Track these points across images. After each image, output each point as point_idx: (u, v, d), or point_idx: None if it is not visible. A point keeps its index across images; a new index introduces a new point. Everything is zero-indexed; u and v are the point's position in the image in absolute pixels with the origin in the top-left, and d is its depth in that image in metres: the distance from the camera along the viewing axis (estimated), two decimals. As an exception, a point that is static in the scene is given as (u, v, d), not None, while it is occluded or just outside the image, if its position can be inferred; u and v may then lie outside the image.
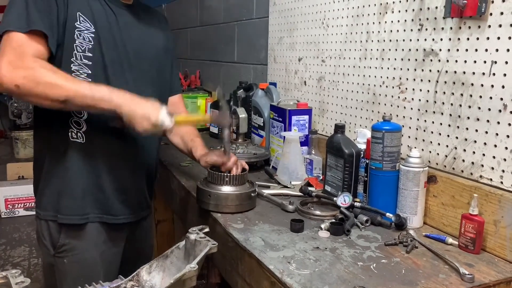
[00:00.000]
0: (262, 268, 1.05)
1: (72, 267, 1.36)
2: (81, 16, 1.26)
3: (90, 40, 1.27)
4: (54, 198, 1.34)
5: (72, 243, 1.35)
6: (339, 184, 1.43)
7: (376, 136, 1.30)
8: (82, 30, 1.26)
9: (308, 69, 1.90)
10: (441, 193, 1.25)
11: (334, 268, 1.02)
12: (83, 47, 1.27)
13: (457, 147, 1.23)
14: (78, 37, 1.26)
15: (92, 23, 1.28)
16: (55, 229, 1.35)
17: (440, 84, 1.28)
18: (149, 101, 1.24)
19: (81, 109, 1.28)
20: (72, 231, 1.35)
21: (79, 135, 1.31)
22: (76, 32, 1.26)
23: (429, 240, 1.20)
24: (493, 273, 1.02)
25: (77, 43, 1.26)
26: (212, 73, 3.02)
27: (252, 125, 2.04)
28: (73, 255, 1.36)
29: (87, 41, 1.27)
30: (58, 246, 1.35)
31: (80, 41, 1.26)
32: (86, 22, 1.27)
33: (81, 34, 1.26)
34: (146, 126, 1.21)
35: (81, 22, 1.26)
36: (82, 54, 1.27)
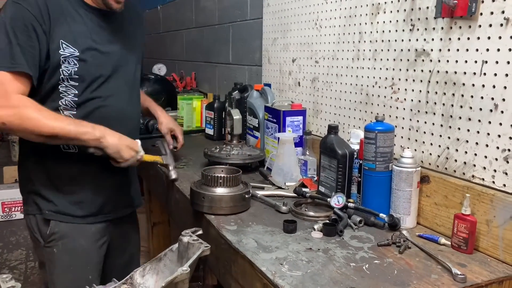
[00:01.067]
0: (254, 270, 1.05)
1: (62, 256, 1.43)
2: (63, 43, 1.31)
3: (75, 63, 1.33)
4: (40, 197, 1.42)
5: (62, 231, 1.42)
6: (332, 185, 1.43)
7: (369, 136, 1.30)
8: (66, 56, 1.31)
9: (302, 70, 1.90)
10: (434, 193, 1.25)
11: (326, 269, 1.02)
12: (69, 71, 1.33)
13: (449, 147, 1.23)
14: (64, 63, 1.31)
15: (75, 47, 1.33)
16: (42, 222, 1.43)
17: (432, 84, 1.28)
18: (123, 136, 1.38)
19: (66, 143, 1.36)
20: (60, 222, 1.42)
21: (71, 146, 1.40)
22: (61, 58, 1.31)
23: (422, 240, 1.20)
24: (486, 273, 1.02)
25: (63, 67, 1.31)
26: (207, 74, 3.02)
27: (247, 127, 2.04)
28: (63, 243, 1.43)
29: (72, 64, 1.33)
30: (48, 235, 1.42)
31: (66, 66, 1.32)
32: (69, 48, 1.32)
33: (66, 59, 1.31)
34: (131, 154, 1.38)
35: (65, 48, 1.31)
36: (69, 77, 1.33)
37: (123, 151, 1.36)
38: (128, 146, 1.37)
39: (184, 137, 1.87)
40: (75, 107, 1.36)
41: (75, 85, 1.34)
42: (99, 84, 1.39)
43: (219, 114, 2.32)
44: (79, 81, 1.34)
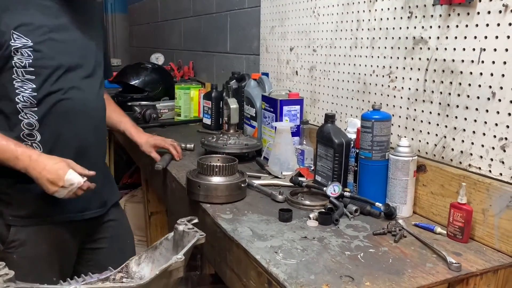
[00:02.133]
0: (249, 258, 1.05)
1: (22, 263, 1.31)
2: (14, 33, 1.22)
3: (29, 54, 1.24)
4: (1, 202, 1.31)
5: (22, 239, 1.32)
6: (329, 174, 1.43)
7: (365, 125, 1.30)
8: (18, 47, 1.23)
9: (300, 59, 1.89)
10: (431, 182, 1.24)
11: (321, 258, 1.02)
12: (23, 63, 1.24)
13: (446, 136, 1.23)
14: (16, 54, 1.23)
15: (28, 37, 1.24)
16: (2, 225, 1.32)
17: (429, 72, 1.27)
18: (56, 162, 1.23)
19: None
20: (21, 228, 1.32)
21: (35, 146, 1.30)
22: (12, 50, 1.22)
23: (418, 229, 1.19)
24: (481, 262, 1.02)
25: (15, 59, 1.23)
26: (205, 64, 3.00)
27: (244, 116, 2.03)
28: (23, 250, 1.32)
29: (26, 56, 1.24)
30: (7, 242, 1.31)
31: (19, 58, 1.23)
32: (21, 38, 1.23)
33: (18, 50, 1.23)
34: (54, 189, 1.21)
35: (16, 39, 1.22)
36: (23, 70, 1.25)
37: (44, 185, 1.21)
38: (49, 180, 1.20)
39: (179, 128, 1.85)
40: (34, 103, 1.27)
41: (31, 78, 1.26)
42: (59, 76, 1.30)
43: (216, 104, 2.31)
44: (35, 74, 1.26)
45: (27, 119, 1.28)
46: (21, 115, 1.27)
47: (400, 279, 0.94)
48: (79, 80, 1.36)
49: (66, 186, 1.22)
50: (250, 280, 1.05)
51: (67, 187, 1.22)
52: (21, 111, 1.27)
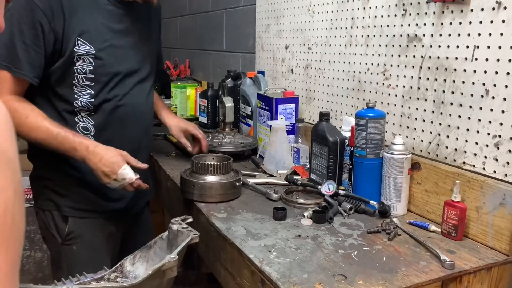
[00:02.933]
0: (242, 257, 1.05)
1: (81, 253, 1.38)
2: (79, 40, 1.24)
3: (90, 61, 1.26)
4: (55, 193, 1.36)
5: (80, 230, 1.38)
6: (324, 172, 1.42)
7: (359, 123, 1.29)
8: (81, 54, 1.25)
9: (295, 57, 1.89)
10: (425, 180, 1.24)
11: (315, 256, 1.02)
12: (84, 69, 1.26)
13: (440, 133, 1.22)
14: (78, 60, 1.25)
15: (92, 44, 1.26)
16: (60, 219, 1.37)
17: (423, 70, 1.26)
18: (112, 155, 1.25)
19: None
20: (79, 219, 1.37)
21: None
22: (75, 56, 1.24)
23: (412, 227, 1.19)
24: (474, 260, 1.02)
25: (77, 66, 1.25)
26: (201, 62, 2.99)
27: (240, 115, 2.03)
28: (82, 241, 1.38)
29: (87, 62, 1.26)
30: (66, 234, 1.37)
31: (81, 64, 1.25)
32: (85, 45, 1.25)
33: (80, 57, 1.25)
34: (106, 181, 1.26)
35: (80, 45, 1.24)
36: (84, 76, 1.27)
37: (99, 176, 1.26)
38: (104, 172, 1.25)
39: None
40: (91, 108, 1.31)
41: (90, 85, 1.28)
42: (116, 83, 1.33)
43: (212, 102, 2.30)
44: (95, 80, 1.28)
45: (83, 123, 1.32)
46: (78, 118, 1.32)
47: (394, 278, 0.93)
48: (134, 86, 1.38)
49: (119, 180, 1.26)
50: (244, 280, 1.05)
51: (119, 180, 1.26)
52: (78, 113, 1.31)
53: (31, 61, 1.21)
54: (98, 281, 1.16)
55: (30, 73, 1.22)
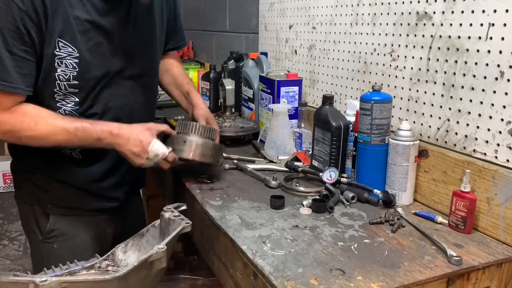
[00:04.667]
0: (235, 248, 0.99)
1: (63, 253, 1.27)
2: (60, 41, 1.08)
3: (74, 66, 1.11)
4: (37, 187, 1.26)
5: (62, 228, 1.28)
6: (326, 159, 1.35)
7: (364, 107, 1.22)
8: (63, 56, 1.09)
9: (299, 37, 1.80)
10: (433, 168, 1.17)
11: (312, 249, 0.96)
12: (67, 75, 1.11)
13: (450, 119, 1.14)
14: (60, 65, 1.09)
15: (75, 45, 1.10)
16: (41, 214, 1.27)
17: (433, 50, 1.18)
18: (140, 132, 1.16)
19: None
20: (61, 217, 1.28)
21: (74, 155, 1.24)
22: (56, 60, 1.08)
23: (418, 218, 1.12)
24: (484, 255, 0.95)
25: (59, 72, 1.10)
26: (205, 43, 2.91)
27: (242, 98, 1.95)
28: (64, 240, 1.28)
29: (70, 68, 1.10)
30: (47, 231, 1.27)
31: (63, 70, 1.10)
32: (67, 47, 1.09)
33: (62, 61, 1.09)
34: (139, 163, 1.17)
35: (61, 48, 1.08)
36: (66, 83, 1.12)
37: (131, 159, 1.17)
38: (134, 154, 1.15)
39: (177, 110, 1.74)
40: (77, 116, 1.17)
41: (74, 92, 1.14)
42: (104, 85, 1.18)
43: (215, 85, 2.23)
44: (79, 87, 1.13)
45: None
46: None
47: (395, 273, 0.87)
48: (125, 85, 1.24)
49: (151, 158, 1.17)
50: (237, 271, 0.99)
51: (151, 158, 1.18)
52: None
53: (21, 70, 1.05)
54: (89, 270, 1.12)
55: (21, 84, 1.06)
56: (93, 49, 1.14)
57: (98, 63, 1.15)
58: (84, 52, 1.12)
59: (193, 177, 1.36)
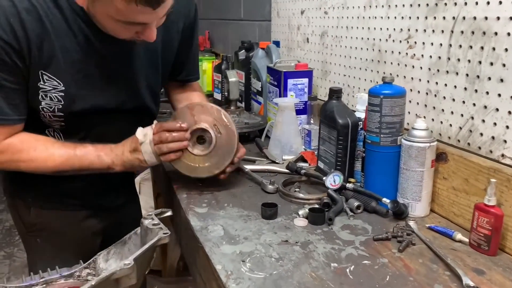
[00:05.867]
0: (210, 266, 0.85)
1: (47, 248, 1.21)
2: (44, 74, 0.99)
3: (59, 99, 1.03)
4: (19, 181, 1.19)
5: (45, 222, 1.21)
6: (332, 160, 1.20)
7: (373, 102, 1.05)
8: (47, 90, 1.01)
9: (311, 23, 1.63)
10: (453, 174, 0.99)
11: (298, 271, 0.81)
12: (52, 108, 1.03)
13: (474, 116, 0.96)
14: (44, 98, 1.02)
15: (60, 79, 1.01)
16: (23, 207, 1.21)
17: (455, 35, 0.99)
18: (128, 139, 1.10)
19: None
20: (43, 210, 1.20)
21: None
22: (40, 93, 1.01)
23: (433, 234, 0.95)
24: (510, 284, 0.77)
25: (43, 105, 1.03)
26: (220, 33, 2.78)
27: (251, 91, 1.81)
28: (47, 234, 1.22)
29: (56, 101, 1.03)
30: (29, 225, 1.22)
31: (47, 103, 1.02)
32: (52, 80, 1.01)
33: (47, 95, 1.01)
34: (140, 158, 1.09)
35: (46, 81, 1.00)
36: (51, 114, 1.05)
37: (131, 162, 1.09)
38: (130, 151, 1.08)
39: None
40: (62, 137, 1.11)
41: (59, 120, 1.07)
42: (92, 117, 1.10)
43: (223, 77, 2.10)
44: (64, 117, 1.06)
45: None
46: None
47: (395, 307, 0.71)
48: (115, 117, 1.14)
49: (142, 140, 1.07)
50: (213, 293, 0.86)
51: (144, 141, 1.07)
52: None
53: (11, 101, 0.99)
54: (67, 278, 1.03)
55: (13, 115, 1.00)
56: (81, 81, 1.04)
57: (86, 95, 1.06)
58: (70, 85, 1.03)
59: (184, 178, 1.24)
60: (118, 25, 0.94)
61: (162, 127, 1.08)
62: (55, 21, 0.97)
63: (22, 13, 0.92)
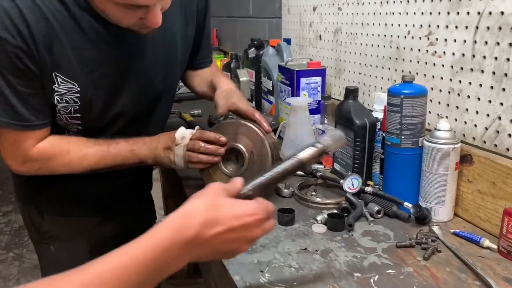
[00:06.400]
0: (227, 276, 0.82)
1: (60, 256, 1.17)
2: (58, 76, 0.94)
3: (75, 101, 0.98)
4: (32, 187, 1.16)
5: (58, 229, 1.17)
6: (349, 162, 1.16)
7: (392, 102, 1.00)
8: (63, 93, 0.96)
9: (324, 20, 1.59)
10: (478, 177, 0.94)
11: (320, 282, 0.77)
12: (68, 110, 0.99)
13: (501, 116, 0.91)
14: (60, 102, 0.97)
15: (75, 81, 0.96)
16: (36, 213, 1.18)
17: (480, 31, 0.94)
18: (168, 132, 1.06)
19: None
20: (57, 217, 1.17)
21: None
22: (56, 97, 0.96)
23: (459, 240, 0.91)
24: (545, 295, 0.73)
25: (59, 107, 0.98)
26: (228, 31, 2.73)
27: (262, 90, 1.77)
28: (61, 242, 1.17)
29: (72, 103, 0.98)
30: (42, 232, 1.18)
31: (63, 105, 0.98)
32: (67, 83, 0.95)
33: (62, 98, 0.96)
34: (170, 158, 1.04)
35: (60, 83, 0.95)
36: (68, 116, 1.00)
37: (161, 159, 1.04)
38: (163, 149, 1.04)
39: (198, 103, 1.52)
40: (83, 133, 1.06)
41: (77, 123, 1.02)
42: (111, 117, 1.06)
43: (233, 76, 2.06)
44: (81, 119, 1.01)
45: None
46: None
47: (424, 321, 0.67)
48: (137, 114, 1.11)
49: (179, 142, 1.03)
50: (230, 305, 0.83)
51: (179, 142, 1.03)
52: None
53: (31, 107, 0.95)
54: None
55: (35, 120, 0.96)
56: (97, 80, 0.99)
57: (102, 95, 1.01)
58: (86, 86, 0.97)
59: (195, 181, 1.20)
60: (120, 10, 0.87)
61: (201, 136, 1.03)
62: (61, 19, 0.91)
63: (25, 13, 0.86)
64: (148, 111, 1.14)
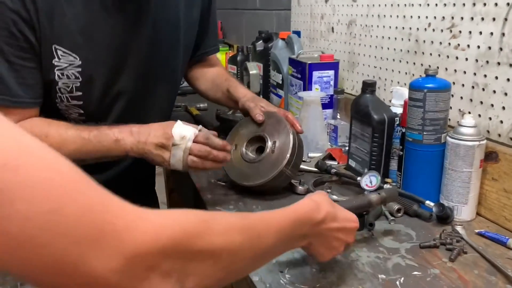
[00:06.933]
0: (245, 278, 0.78)
1: None
2: (59, 49, 0.89)
3: (77, 76, 0.94)
4: None
5: None
6: (365, 159, 1.12)
7: (414, 97, 0.97)
8: (63, 67, 0.92)
9: (336, 12, 1.54)
10: (504, 175, 0.91)
11: (344, 284, 0.74)
12: (69, 87, 0.94)
13: (531, 112, 0.88)
14: (61, 77, 0.92)
15: (77, 54, 0.91)
16: None
17: (509, 23, 0.90)
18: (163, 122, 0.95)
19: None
20: None
21: None
22: (56, 72, 0.91)
23: (484, 240, 0.87)
24: None
25: (60, 85, 0.93)
26: (234, 23, 2.69)
27: (270, 83, 1.73)
28: None
29: (73, 78, 0.93)
30: None
31: (64, 82, 0.93)
32: (67, 56, 0.91)
33: (63, 73, 0.92)
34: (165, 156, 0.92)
35: (61, 57, 0.91)
36: (69, 96, 0.95)
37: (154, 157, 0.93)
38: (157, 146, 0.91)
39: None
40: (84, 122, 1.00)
41: (78, 104, 0.97)
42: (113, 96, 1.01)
43: (243, 69, 2.02)
44: (83, 98, 0.97)
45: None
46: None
47: (457, 327, 0.64)
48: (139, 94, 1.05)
49: (178, 143, 0.90)
50: (248, 306, 0.79)
51: (178, 144, 0.90)
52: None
53: (23, 81, 0.89)
54: None
55: (24, 96, 0.89)
56: (98, 55, 0.94)
57: (104, 72, 0.96)
58: (88, 59, 0.93)
59: (206, 178, 1.17)
60: None
61: (207, 142, 0.93)
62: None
63: None
64: (149, 94, 1.08)
